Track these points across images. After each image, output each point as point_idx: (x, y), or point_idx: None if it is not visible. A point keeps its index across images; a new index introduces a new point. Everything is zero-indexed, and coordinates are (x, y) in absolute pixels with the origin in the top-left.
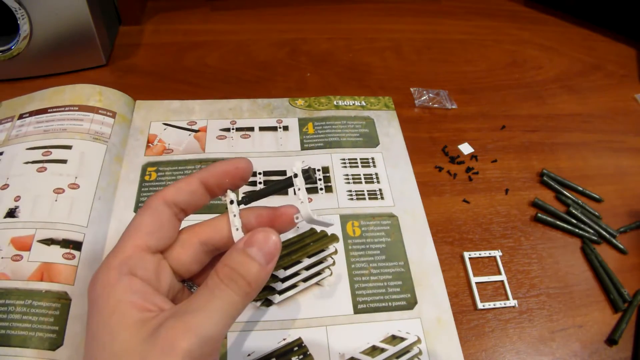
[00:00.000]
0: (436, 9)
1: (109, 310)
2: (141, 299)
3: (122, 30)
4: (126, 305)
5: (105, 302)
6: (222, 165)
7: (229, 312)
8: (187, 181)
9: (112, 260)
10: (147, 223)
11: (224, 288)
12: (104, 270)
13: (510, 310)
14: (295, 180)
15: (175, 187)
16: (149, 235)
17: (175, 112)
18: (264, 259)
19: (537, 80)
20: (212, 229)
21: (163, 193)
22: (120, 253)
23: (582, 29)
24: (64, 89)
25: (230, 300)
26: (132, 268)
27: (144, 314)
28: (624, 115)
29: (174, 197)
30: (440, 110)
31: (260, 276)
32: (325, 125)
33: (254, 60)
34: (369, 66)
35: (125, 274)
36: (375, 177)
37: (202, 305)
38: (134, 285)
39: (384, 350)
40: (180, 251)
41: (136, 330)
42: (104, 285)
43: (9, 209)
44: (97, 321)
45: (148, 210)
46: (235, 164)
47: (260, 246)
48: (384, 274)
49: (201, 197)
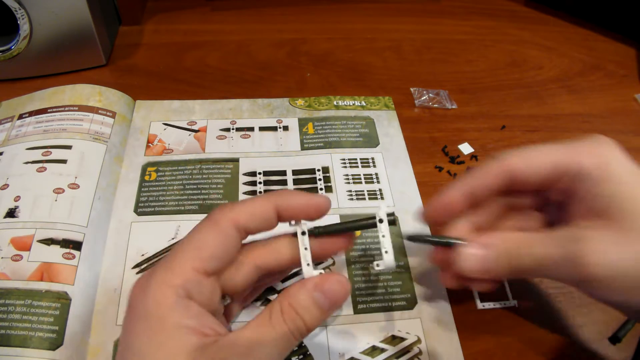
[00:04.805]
0: (436, 9)
1: (166, 334)
2: (199, 324)
3: (122, 30)
4: (185, 331)
5: (160, 323)
6: (301, 199)
7: (284, 352)
8: (262, 206)
9: (168, 277)
10: (212, 245)
11: (286, 331)
12: (159, 286)
13: (510, 310)
14: (380, 225)
15: (248, 211)
16: (212, 259)
17: (175, 112)
18: (328, 306)
19: (537, 80)
20: (272, 253)
21: (235, 215)
22: (178, 272)
23: (582, 29)
24: (64, 89)
25: (289, 342)
26: (190, 292)
27: (203, 339)
28: (624, 115)
29: (247, 222)
30: (440, 110)
31: (319, 322)
32: (325, 125)
33: (254, 60)
34: (369, 66)
35: (183, 297)
36: (375, 177)
37: (263, 341)
38: (192, 309)
39: (384, 350)
40: (234, 272)
41: (196, 357)
42: (159, 304)
43: (9, 209)
44: (150, 342)
45: (215, 230)
46: (316, 204)
47: (329, 294)
48: (384, 273)
49: (272, 224)
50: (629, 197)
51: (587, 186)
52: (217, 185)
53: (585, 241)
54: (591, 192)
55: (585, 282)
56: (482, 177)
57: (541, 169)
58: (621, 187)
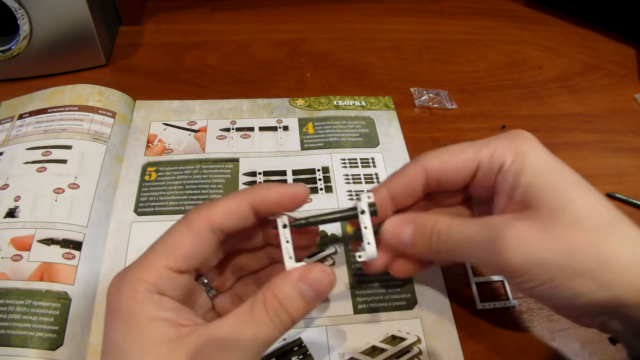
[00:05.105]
0: (436, 9)
1: (141, 327)
2: (174, 316)
3: (122, 30)
4: (160, 323)
5: (133, 317)
6: (276, 191)
7: (266, 345)
8: (236, 204)
9: (140, 274)
10: (185, 246)
11: (268, 322)
12: (132, 283)
13: (510, 310)
14: (362, 217)
15: (223, 211)
16: (184, 259)
17: (175, 112)
18: (314, 297)
19: (537, 80)
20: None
21: (210, 215)
22: (151, 270)
23: (582, 29)
24: (64, 89)
25: (271, 335)
26: (162, 288)
27: (179, 330)
28: (624, 115)
29: (222, 222)
30: (440, 110)
31: (304, 313)
32: (325, 125)
33: (254, 60)
34: (369, 66)
35: (154, 292)
36: (375, 178)
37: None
38: (165, 303)
39: (384, 351)
40: None
41: (173, 347)
42: (132, 300)
43: (9, 209)
44: (125, 336)
45: (190, 231)
46: (291, 193)
47: (314, 285)
48: (384, 273)
49: (249, 222)
50: (546, 187)
51: (506, 179)
52: (217, 185)
53: (504, 228)
54: (510, 185)
55: (505, 270)
56: (401, 180)
57: (458, 167)
58: (539, 178)
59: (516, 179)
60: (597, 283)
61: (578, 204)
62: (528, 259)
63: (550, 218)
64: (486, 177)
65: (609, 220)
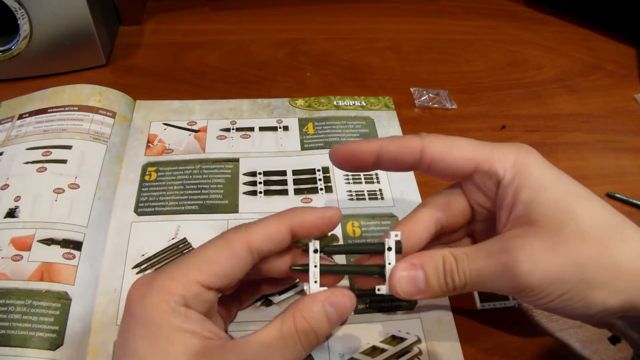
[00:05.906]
0: (436, 9)
1: (167, 338)
2: (200, 328)
3: (122, 30)
4: (186, 335)
5: (159, 328)
6: (314, 215)
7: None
8: (276, 228)
9: (168, 284)
10: (221, 264)
11: (297, 343)
12: (159, 292)
13: (510, 310)
14: (387, 253)
15: (263, 234)
16: (218, 277)
17: (175, 112)
18: (337, 319)
19: (537, 80)
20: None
21: (249, 237)
22: (181, 282)
23: (582, 29)
24: (64, 89)
25: (298, 355)
26: (189, 302)
27: (205, 342)
28: (624, 115)
29: (261, 245)
30: (440, 110)
31: (327, 334)
32: (325, 125)
33: (254, 60)
34: (369, 66)
35: (181, 304)
36: (375, 177)
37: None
38: (191, 316)
39: (384, 351)
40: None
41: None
42: (158, 309)
43: (9, 209)
44: (149, 346)
45: (228, 250)
46: (329, 217)
47: (338, 307)
48: None
49: (285, 244)
50: (549, 203)
51: (508, 194)
52: (217, 185)
53: (515, 250)
54: (514, 201)
55: (522, 291)
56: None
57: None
58: (541, 194)
59: (516, 194)
60: (610, 291)
61: (582, 215)
62: (543, 279)
63: (557, 233)
64: (483, 183)
65: (614, 226)
